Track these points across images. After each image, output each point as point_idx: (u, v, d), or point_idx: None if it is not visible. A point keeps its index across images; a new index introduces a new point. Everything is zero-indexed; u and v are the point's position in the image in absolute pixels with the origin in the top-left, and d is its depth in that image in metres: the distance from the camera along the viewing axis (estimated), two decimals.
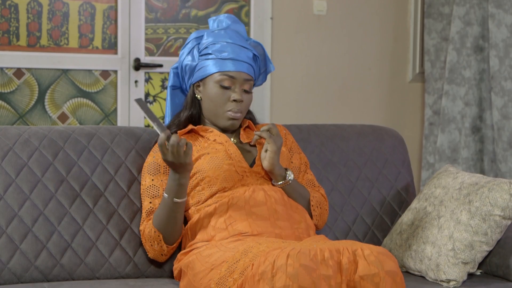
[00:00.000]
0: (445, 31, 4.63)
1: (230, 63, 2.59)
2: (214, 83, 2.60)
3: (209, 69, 2.61)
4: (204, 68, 2.62)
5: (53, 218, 2.58)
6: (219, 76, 2.60)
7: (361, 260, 2.15)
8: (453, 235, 2.59)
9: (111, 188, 2.66)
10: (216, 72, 2.60)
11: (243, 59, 2.60)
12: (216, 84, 2.60)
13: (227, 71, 2.59)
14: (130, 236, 2.64)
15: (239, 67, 2.59)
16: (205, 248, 2.44)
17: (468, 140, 4.50)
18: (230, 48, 2.60)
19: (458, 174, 2.76)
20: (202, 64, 2.62)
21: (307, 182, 2.74)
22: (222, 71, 2.59)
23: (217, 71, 2.59)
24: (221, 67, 2.59)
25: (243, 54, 2.61)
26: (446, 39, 4.63)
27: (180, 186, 2.47)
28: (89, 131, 2.73)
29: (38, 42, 4.20)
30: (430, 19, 4.69)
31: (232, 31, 2.66)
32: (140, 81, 4.35)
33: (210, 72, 2.60)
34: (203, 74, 2.62)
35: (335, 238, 2.87)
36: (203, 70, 2.62)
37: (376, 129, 3.10)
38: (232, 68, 2.59)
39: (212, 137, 2.63)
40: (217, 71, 2.59)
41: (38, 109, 4.21)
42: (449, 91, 4.53)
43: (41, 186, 2.59)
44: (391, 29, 4.77)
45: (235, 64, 2.59)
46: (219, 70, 2.59)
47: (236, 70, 2.59)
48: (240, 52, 2.61)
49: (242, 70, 2.60)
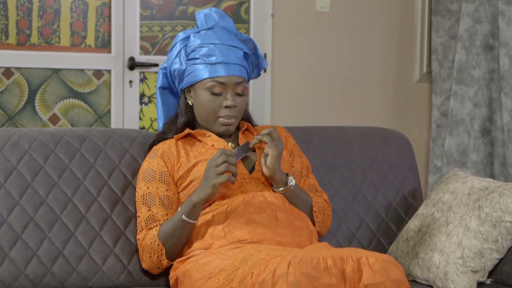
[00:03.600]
0: (454, 29, 4.64)
1: (220, 67, 2.58)
2: (204, 90, 2.60)
3: (198, 75, 2.60)
4: (193, 73, 2.61)
5: (44, 225, 2.58)
6: (209, 82, 2.59)
7: (365, 269, 2.15)
8: (462, 242, 2.59)
9: (104, 193, 2.66)
10: (206, 78, 2.59)
11: (233, 61, 2.59)
12: (206, 91, 2.60)
13: (216, 77, 2.58)
14: (125, 243, 2.64)
15: (230, 71, 2.58)
16: (202, 256, 2.45)
17: (477, 143, 4.50)
18: (219, 51, 2.59)
19: (467, 179, 2.76)
20: (190, 69, 2.61)
21: (309, 187, 2.74)
22: (211, 77, 2.58)
23: (206, 77, 2.59)
24: (211, 73, 2.58)
25: (232, 55, 2.60)
26: (455, 37, 4.63)
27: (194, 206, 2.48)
28: (81, 133, 2.73)
29: (28, 40, 4.20)
30: (438, 16, 4.69)
31: (220, 29, 2.65)
32: (134, 81, 4.35)
33: (199, 78, 2.59)
34: (192, 80, 2.61)
35: (338, 245, 2.87)
36: (192, 76, 2.61)
37: (381, 131, 3.10)
38: (222, 73, 2.58)
39: (210, 142, 2.63)
40: (206, 77, 2.59)
41: (28, 111, 4.21)
42: (457, 92, 4.53)
43: (31, 191, 2.59)
44: (397, 27, 4.78)
45: (225, 68, 2.58)
46: (209, 76, 2.58)
47: (227, 75, 2.58)
48: (229, 54, 2.59)
49: (233, 74, 2.59)
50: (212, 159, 2.46)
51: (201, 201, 2.47)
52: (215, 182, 2.43)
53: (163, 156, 2.62)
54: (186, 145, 2.65)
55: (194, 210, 2.48)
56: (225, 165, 2.43)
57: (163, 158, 2.61)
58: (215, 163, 2.44)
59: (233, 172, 2.44)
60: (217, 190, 2.45)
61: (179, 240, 2.52)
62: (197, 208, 2.48)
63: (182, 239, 2.52)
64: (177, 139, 2.66)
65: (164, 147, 2.64)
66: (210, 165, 2.45)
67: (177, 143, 2.65)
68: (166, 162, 2.61)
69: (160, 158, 2.62)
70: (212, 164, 2.45)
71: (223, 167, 2.43)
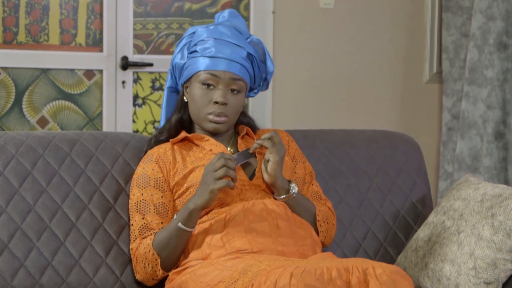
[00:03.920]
0: (465, 27, 4.64)
1: (217, 61, 2.59)
2: (198, 83, 2.61)
3: (194, 68, 2.61)
4: (191, 66, 2.63)
5: (32, 233, 2.58)
6: (203, 74, 2.60)
7: (372, 280, 2.15)
8: (475, 252, 2.60)
9: (96, 200, 2.66)
10: (200, 70, 2.60)
11: (233, 58, 2.60)
12: (199, 84, 2.61)
13: (211, 70, 2.59)
14: (117, 253, 2.64)
15: (227, 67, 2.59)
16: (200, 266, 2.45)
17: (490, 147, 4.51)
18: (218, 45, 2.60)
19: (479, 185, 2.77)
20: (189, 63, 2.63)
21: (313, 195, 2.74)
22: (205, 69, 2.59)
23: (200, 69, 2.60)
24: (207, 65, 2.59)
25: (233, 53, 2.60)
26: (467, 35, 4.64)
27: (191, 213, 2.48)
28: (71, 137, 2.73)
29: (15, 39, 4.21)
30: (449, 13, 4.70)
31: (227, 27, 2.66)
32: (128, 82, 4.36)
33: (195, 70, 2.61)
34: (189, 73, 2.63)
35: (343, 255, 2.88)
36: (189, 69, 2.63)
37: (389, 135, 3.10)
38: (218, 67, 2.58)
39: (208, 147, 2.63)
40: (200, 70, 2.60)
41: (15, 113, 4.21)
42: (469, 93, 4.53)
43: (18, 198, 2.60)
44: (406, 24, 4.78)
45: (223, 63, 2.59)
46: (204, 68, 2.59)
47: (222, 69, 2.59)
48: (228, 49, 2.60)
49: (229, 70, 2.59)
50: (210, 163, 2.46)
51: (198, 208, 2.47)
52: (213, 188, 2.43)
53: (158, 161, 2.62)
54: (182, 150, 2.65)
55: (190, 218, 2.48)
56: (223, 170, 2.43)
57: (158, 163, 2.62)
58: (213, 167, 2.44)
59: (232, 177, 2.44)
60: (215, 196, 2.45)
61: (175, 250, 2.52)
62: (194, 216, 2.48)
63: (178, 248, 2.52)
64: (173, 143, 2.66)
65: (160, 151, 2.64)
66: (208, 170, 2.45)
67: (173, 147, 2.66)
68: (162, 168, 2.61)
69: (155, 163, 2.62)
70: (210, 169, 2.44)
71: (222, 171, 2.43)
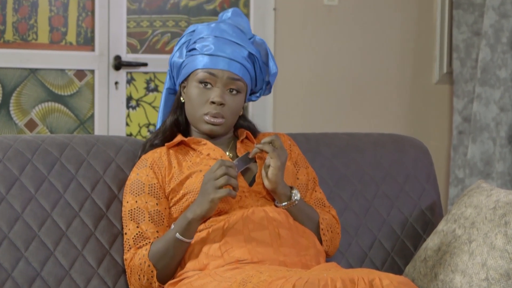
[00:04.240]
0: (477, 24, 4.65)
1: (216, 59, 2.59)
2: (195, 82, 2.62)
3: (192, 66, 2.62)
4: (188, 65, 2.63)
5: (20, 243, 2.58)
6: (201, 73, 2.61)
7: None
8: (487, 263, 2.60)
9: (87, 207, 2.67)
10: (198, 68, 2.61)
11: (232, 57, 2.60)
12: (196, 83, 2.61)
13: (209, 68, 2.60)
14: (110, 263, 2.64)
15: (226, 66, 2.59)
16: (197, 277, 2.45)
17: (503, 152, 4.51)
18: (218, 43, 2.61)
19: (492, 191, 2.77)
20: (187, 61, 2.64)
21: (316, 202, 2.74)
22: (203, 67, 2.60)
23: (198, 67, 2.61)
24: (205, 63, 2.60)
25: (234, 52, 2.61)
26: (478, 34, 4.64)
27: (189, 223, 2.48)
28: (61, 141, 2.73)
29: (2, 37, 4.21)
30: (460, 10, 4.71)
31: (229, 25, 2.67)
32: (121, 83, 4.36)
33: (192, 68, 2.62)
34: (186, 71, 2.64)
35: (348, 266, 2.88)
36: (187, 67, 2.64)
37: (396, 138, 3.11)
38: (217, 65, 2.59)
39: (206, 151, 2.63)
40: (198, 68, 2.61)
41: (1, 115, 4.22)
42: (481, 94, 4.54)
43: (5, 205, 2.60)
44: (414, 22, 4.79)
45: (222, 61, 2.59)
46: (202, 66, 2.60)
47: (221, 68, 2.59)
48: (228, 47, 2.61)
49: (228, 69, 2.60)
50: (210, 171, 2.46)
51: (197, 218, 2.47)
52: (213, 197, 2.43)
53: (153, 166, 2.62)
54: (178, 154, 2.65)
55: (189, 228, 2.48)
56: (225, 178, 2.43)
57: (153, 169, 2.62)
58: (214, 175, 2.44)
59: (234, 185, 2.44)
60: (215, 206, 2.45)
61: (172, 261, 2.52)
62: (193, 226, 2.48)
63: (175, 259, 2.52)
64: (168, 147, 2.66)
65: (154, 156, 2.64)
66: (208, 178, 2.45)
67: (169, 151, 2.66)
68: (156, 173, 2.61)
69: (149, 168, 2.62)
70: (211, 177, 2.44)
71: (223, 180, 2.43)
